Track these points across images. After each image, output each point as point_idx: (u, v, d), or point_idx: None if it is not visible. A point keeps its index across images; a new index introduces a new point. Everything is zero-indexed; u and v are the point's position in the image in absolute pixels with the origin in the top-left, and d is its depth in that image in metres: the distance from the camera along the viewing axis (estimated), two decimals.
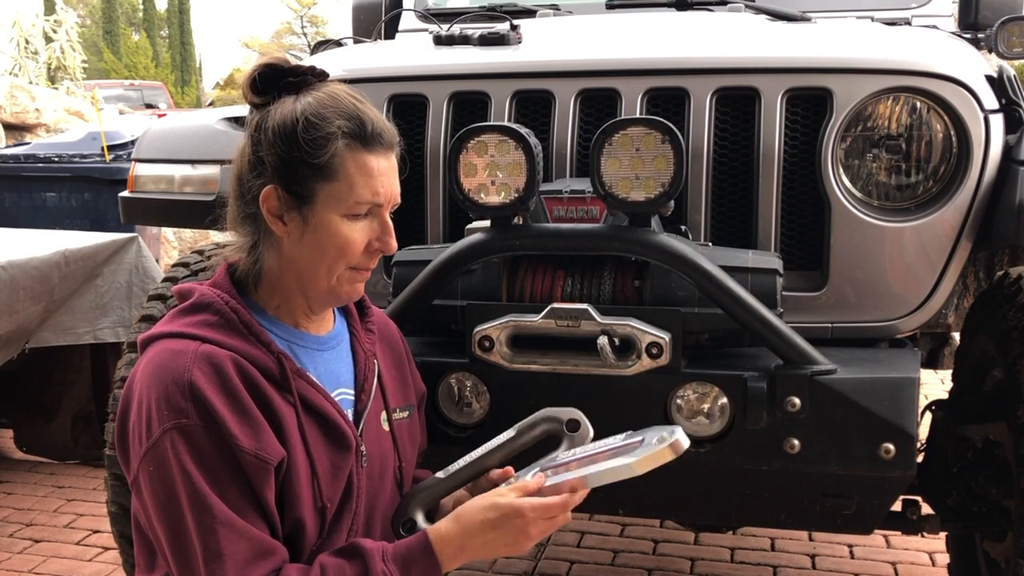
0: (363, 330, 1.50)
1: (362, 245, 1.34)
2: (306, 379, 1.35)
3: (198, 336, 1.28)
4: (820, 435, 1.66)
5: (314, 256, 1.34)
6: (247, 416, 1.24)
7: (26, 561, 3.05)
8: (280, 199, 1.33)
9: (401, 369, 1.57)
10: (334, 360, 1.44)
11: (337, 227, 1.32)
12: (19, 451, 3.95)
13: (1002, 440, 1.97)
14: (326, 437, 1.35)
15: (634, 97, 1.99)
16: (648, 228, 1.69)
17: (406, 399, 1.56)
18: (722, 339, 1.76)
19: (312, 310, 1.41)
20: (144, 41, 43.53)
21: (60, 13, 21.27)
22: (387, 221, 1.36)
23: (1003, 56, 2.25)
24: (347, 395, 1.44)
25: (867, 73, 1.91)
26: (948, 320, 2.37)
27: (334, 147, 1.30)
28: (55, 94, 11.63)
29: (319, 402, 1.35)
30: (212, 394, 1.22)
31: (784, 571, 2.90)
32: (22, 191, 5.82)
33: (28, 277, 3.17)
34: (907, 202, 1.94)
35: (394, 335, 1.60)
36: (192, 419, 1.22)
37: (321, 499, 1.33)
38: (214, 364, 1.25)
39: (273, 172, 1.32)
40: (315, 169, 1.31)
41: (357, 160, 1.32)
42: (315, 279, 1.35)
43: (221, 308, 1.32)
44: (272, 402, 1.29)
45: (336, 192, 1.32)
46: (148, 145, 2.57)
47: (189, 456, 1.21)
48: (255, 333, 1.32)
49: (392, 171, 1.36)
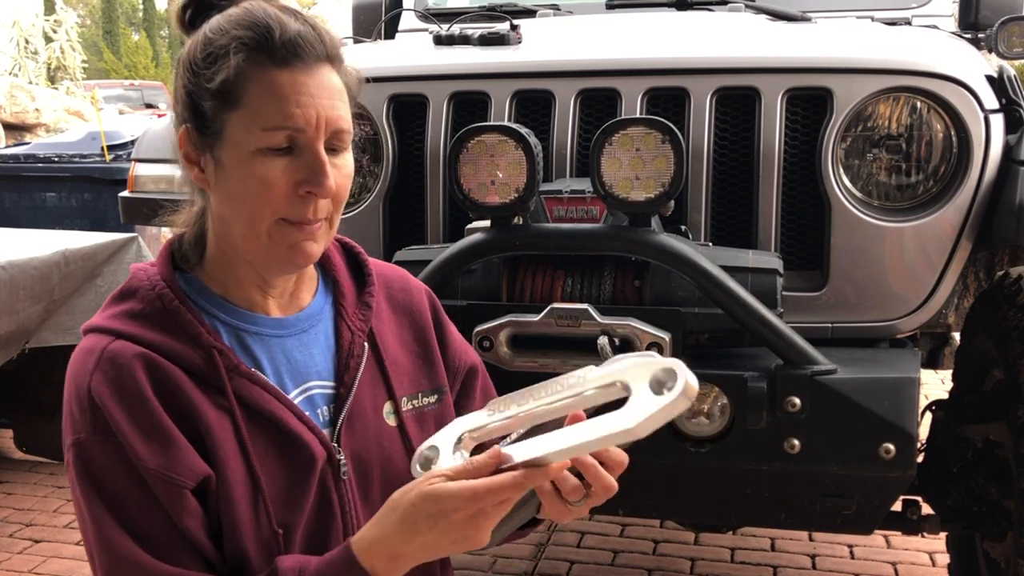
0: (356, 304, 1.21)
1: (287, 188, 1.04)
2: (249, 376, 1.09)
3: (112, 330, 1.08)
4: (820, 435, 1.66)
5: (234, 207, 1.07)
6: (155, 428, 1.02)
7: (26, 561, 3.05)
8: (193, 142, 1.09)
9: (424, 345, 1.26)
10: (302, 347, 1.16)
11: (249, 166, 1.04)
12: (19, 451, 3.95)
13: (1002, 440, 1.97)
14: (279, 448, 1.09)
15: (634, 97, 1.99)
16: (648, 228, 1.69)
17: (430, 382, 1.25)
18: (722, 339, 1.76)
19: (268, 283, 1.14)
20: (144, 41, 43.54)
21: (60, 13, 21.28)
22: (319, 154, 1.04)
23: (1003, 56, 2.26)
24: (323, 389, 1.16)
25: (867, 73, 1.91)
26: (948, 320, 2.37)
27: (231, 64, 1.04)
28: (55, 94, 11.64)
29: (267, 405, 1.09)
30: (111, 403, 1.02)
31: (784, 571, 2.90)
32: (22, 191, 5.82)
33: (28, 277, 3.17)
34: (907, 202, 1.94)
35: (416, 304, 1.28)
36: (88, 434, 1.03)
37: (270, 525, 1.07)
38: (119, 366, 1.04)
39: (183, 109, 1.10)
40: (216, 96, 1.05)
41: (262, 79, 1.04)
42: (246, 238, 1.08)
43: (146, 295, 1.10)
44: (197, 409, 1.05)
45: (242, 121, 1.04)
46: (148, 145, 2.57)
47: (86, 478, 1.03)
48: (181, 324, 1.08)
49: (321, 89, 1.05)
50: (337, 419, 1.14)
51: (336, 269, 1.22)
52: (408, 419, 1.20)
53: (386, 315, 1.25)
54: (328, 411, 1.16)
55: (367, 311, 1.21)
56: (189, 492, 1.03)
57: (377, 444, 1.17)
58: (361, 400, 1.17)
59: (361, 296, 1.22)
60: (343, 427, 1.14)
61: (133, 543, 1.01)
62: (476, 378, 1.32)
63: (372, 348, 1.19)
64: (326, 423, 1.14)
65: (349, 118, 1.09)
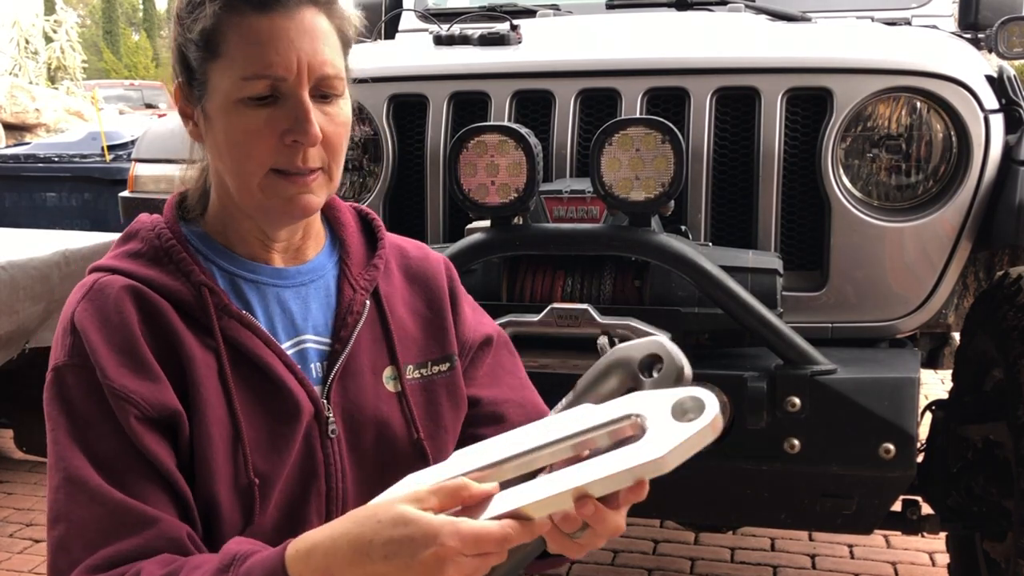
0: (363, 264, 1.17)
1: (272, 138, 1.01)
2: (239, 318, 1.05)
3: (108, 267, 1.07)
4: (820, 435, 1.66)
5: (223, 160, 1.05)
6: (129, 354, 0.99)
7: (26, 561, 3.05)
8: (185, 95, 1.08)
9: (437, 312, 1.20)
10: (299, 299, 1.12)
11: (232, 117, 1.01)
12: (19, 451, 3.95)
13: (1002, 440, 1.97)
14: (263, 395, 1.05)
15: (634, 97, 1.99)
16: (648, 228, 1.69)
17: (440, 349, 1.19)
18: (722, 339, 1.77)
19: (270, 236, 1.11)
20: (144, 41, 43.55)
21: (60, 13, 21.29)
22: (302, 101, 1.01)
23: (1003, 56, 2.26)
24: (317, 345, 1.12)
25: (867, 73, 1.91)
26: (948, 320, 2.37)
27: (208, 12, 1.01)
28: (55, 94, 11.64)
29: (255, 349, 1.05)
30: (91, 328, 1.00)
31: (784, 571, 2.90)
32: (22, 191, 5.82)
33: (28, 277, 3.17)
34: (907, 202, 1.94)
35: (432, 273, 1.23)
36: (68, 357, 1.00)
37: (247, 473, 1.02)
38: (106, 296, 1.02)
39: (175, 63, 1.08)
40: (199, 47, 1.03)
41: (240, 25, 1.00)
42: (239, 192, 1.05)
43: (145, 235, 1.09)
44: (183, 344, 1.02)
45: (224, 71, 1.01)
46: (148, 145, 2.57)
47: (56, 401, 1.00)
48: (175, 260, 1.06)
49: (303, 33, 1.01)
50: (328, 378, 1.10)
51: (345, 228, 1.18)
52: (412, 387, 1.15)
53: (398, 281, 1.20)
54: (321, 368, 1.11)
55: (374, 271, 1.16)
56: (151, 421, 0.99)
57: (374, 407, 1.12)
58: (359, 360, 1.12)
59: (370, 257, 1.18)
60: (334, 384, 1.10)
61: (89, 466, 0.96)
62: (487, 350, 1.24)
63: (377, 310, 1.15)
64: (318, 380, 1.10)
65: (339, 62, 1.05)
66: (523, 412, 1.20)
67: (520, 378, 1.26)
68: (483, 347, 1.24)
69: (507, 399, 1.22)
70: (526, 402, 1.23)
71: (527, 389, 1.25)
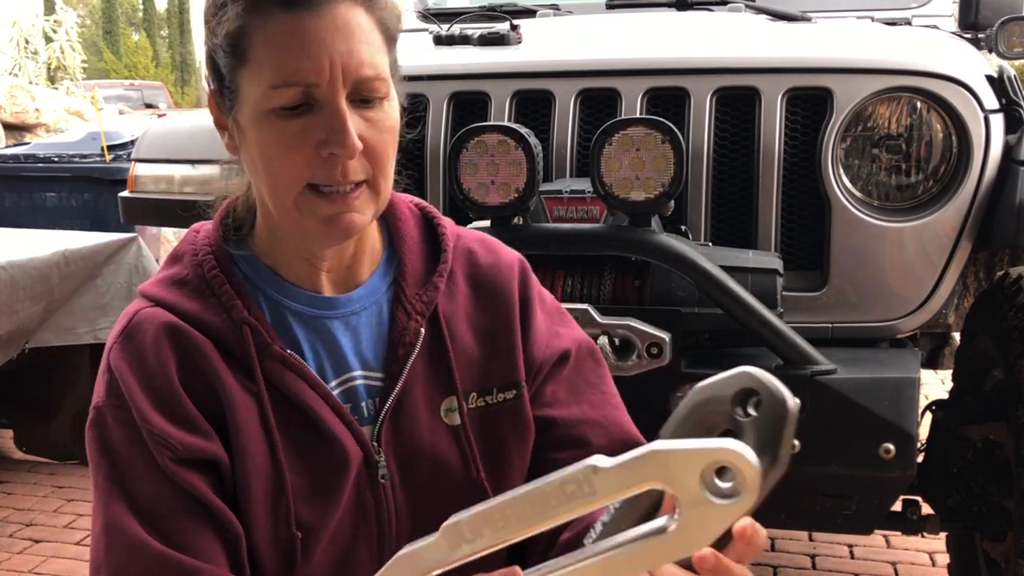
0: (419, 283, 1.03)
1: (307, 150, 0.90)
2: (282, 359, 0.96)
3: (151, 295, 0.99)
4: (820, 435, 1.66)
5: (257, 176, 0.95)
6: (171, 404, 0.93)
7: (26, 561, 3.05)
8: (218, 105, 0.97)
9: (504, 329, 1.06)
10: (349, 330, 1.01)
11: (263, 129, 0.91)
12: (19, 451, 3.95)
13: (1002, 440, 1.97)
14: (309, 443, 0.97)
15: (634, 97, 1.99)
16: (648, 228, 1.69)
17: (506, 374, 1.05)
18: (722, 339, 1.77)
19: (315, 255, 1.00)
20: (144, 41, 43.56)
21: (60, 13, 21.29)
22: (338, 109, 0.89)
23: (1003, 56, 2.25)
24: (368, 380, 1.01)
25: (867, 73, 1.91)
26: (948, 320, 2.37)
27: (231, 14, 0.90)
28: (55, 94, 11.64)
29: (299, 393, 0.96)
30: (128, 372, 0.94)
31: (784, 571, 2.90)
32: (22, 191, 5.82)
33: (28, 277, 3.17)
34: (907, 202, 1.94)
35: (502, 281, 1.08)
36: (106, 397, 0.95)
37: (288, 527, 0.94)
38: (143, 333, 0.95)
39: (208, 70, 0.98)
40: (226, 52, 0.92)
41: (266, 27, 0.89)
42: (276, 210, 0.95)
43: (189, 260, 1.00)
44: (223, 385, 0.94)
45: (252, 78, 0.90)
46: (148, 145, 2.57)
47: (98, 442, 0.95)
48: (218, 293, 0.97)
49: (336, 32, 0.89)
50: (378, 416, 1.00)
51: (404, 241, 1.05)
52: (473, 418, 1.03)
53: (462, 295, 1.06)
54: (373, 405, 1.01)
55: (432, 292, 1.03)
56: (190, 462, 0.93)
57: (430, 445, 1.01)
58: (412, 394, 1.01)
59: (430, 274, 1.04)
60: (385, 422, 1.00)
61: (129, 513, 0.91)
62: (563, 366, 1.09)
63: (435, 335, 1.03)
64: (369, 419, 1.01)
65: (380, 61, 0.92)
66: (605, 434, 1.07)
67: (604, 392, 1.11)
68: (559, 364, 1.09)
69: (587, 419, 1.08)
70: (609, 422, 1.08)
71: (611, 406, 1.10)
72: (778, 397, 0.67)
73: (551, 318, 1.11)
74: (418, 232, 1.08)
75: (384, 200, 0.97)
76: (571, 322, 1.12)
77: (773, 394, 0.68)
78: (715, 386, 0.70)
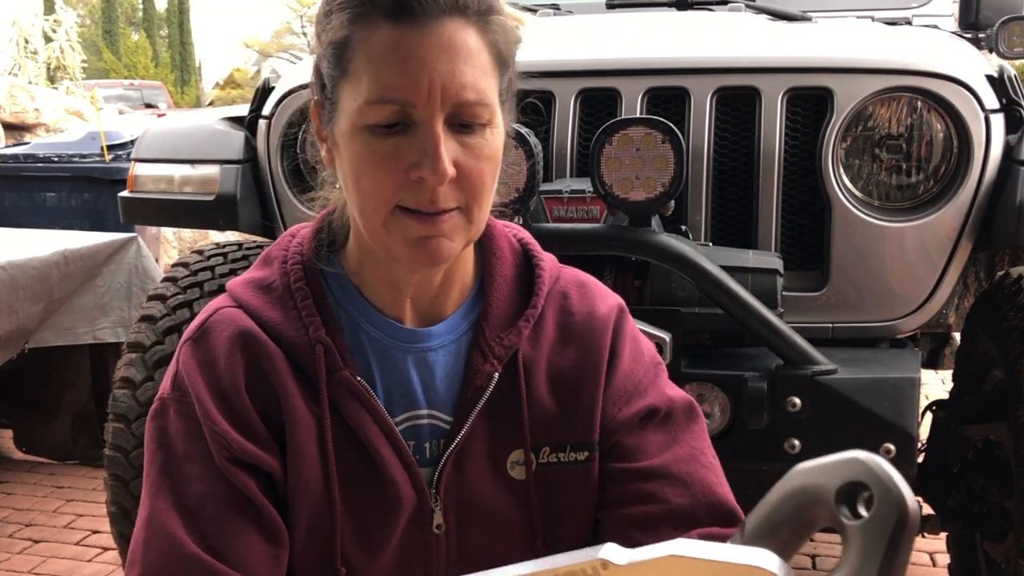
0: (502, 324, 0.98)
1: (398, 172, 0.85)
2: (350, 386, 0.93)
3: (236, 296, 0.97)
4: (821, 435, 1.66)
5: (349, 192, 0.91)
6: (237, 413, 0.92)
7: (25, 561, 3.05)
8: (319, 115, 0.94)
9: (587, 384, 0.98)
10: (424, 366, 0.97)
11: (357, 145, 0.87)
12: (19, 451, 3.95)
13: (1002, 440, 1.96)
14: (365, 476, 0.93)
15: (634, 97, 1.99)
16: (648, 228, 1.69)
17: (581, 434, 0.98)
18: (722, 339, 1.76)
19: (401, 280, 0.95)
20: (144, 41, 43.56)
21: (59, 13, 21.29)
22: (432, 132, 0.84)
23: (1003, 56, 2.25)
24: (435, 420, 0.97)
25: (868, 73, 1.91)
26: (949, 320, 2.37)
27: (336, 23, 0.87)
28: (55, 94, 11.63)
29: (362, 424, 0.93)
30: (196, 374, 0.92)
31: None
32: (22, 191, 5.82)
33: (27, 277, 3.17)
34: (908, 202, 1.94)
35: (595, 332, 1.00)
36: (170, 391, 0.94)
37: (333, 560, 0.92)
38: (217, 339, 0.94)
39: (313, 79, 0.95)
40: (331, 63, 0.89)
41: (368, 40, 0.85)
42: (366, 228, 0.91)
43: (279, 267, 0.98)
44: (288, 401, 0.92)
45: (351, 92, 0.87)
46: (148, 145, 2.57)
47: (157, 432, 0.94)
48: (299, 307, 0.95)
49: (440, 51, 0.84)
50: (438, 463, 0.95)
51: (495, 280, 1.00)
52: (539, 474, 0.97)
53: (548, 341, 0.99)
54: (437, 447, 0.96)
55: (514, 336, 0.97)
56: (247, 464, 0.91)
57: (490, 497, 0.96)
58: (478, 441, 0.96)
59: (517, 316, 0.98)
60: (446, 468, 0.95)
61: (172, 509, 0.89)
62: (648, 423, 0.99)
63: (511, 381, 0.97)
64: (430, 460, 0.96)
65: (485, 85, 0.87)
66: (688, 494, 0.95)
67: (693, 448, 0.99)
68: (644, 419, 0.99)
69: (667, 473, 0.96)
70: (694, 481, 0.96)
71: (699, 464, 0.98)
72: (896, 497, 0.54)
73: (642, 373, 1.01)
74: (513, 271, 1.02)
75: (478, 230, 0.92)
76: (665, 379, 1.03)
77: (890, 492, 0.54)
78: (818, 472, 0.59)
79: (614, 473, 0.97)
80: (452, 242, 0.89)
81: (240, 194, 2.23)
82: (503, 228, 1.04)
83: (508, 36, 0.91)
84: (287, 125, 2.17)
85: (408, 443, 0.95)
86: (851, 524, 0.53)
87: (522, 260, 1.03)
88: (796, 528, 0.57)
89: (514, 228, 1.07)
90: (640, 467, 0.96)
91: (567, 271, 1.05)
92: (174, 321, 2.27)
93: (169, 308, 2.30)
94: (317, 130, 0.96)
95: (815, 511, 0.56)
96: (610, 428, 0.98)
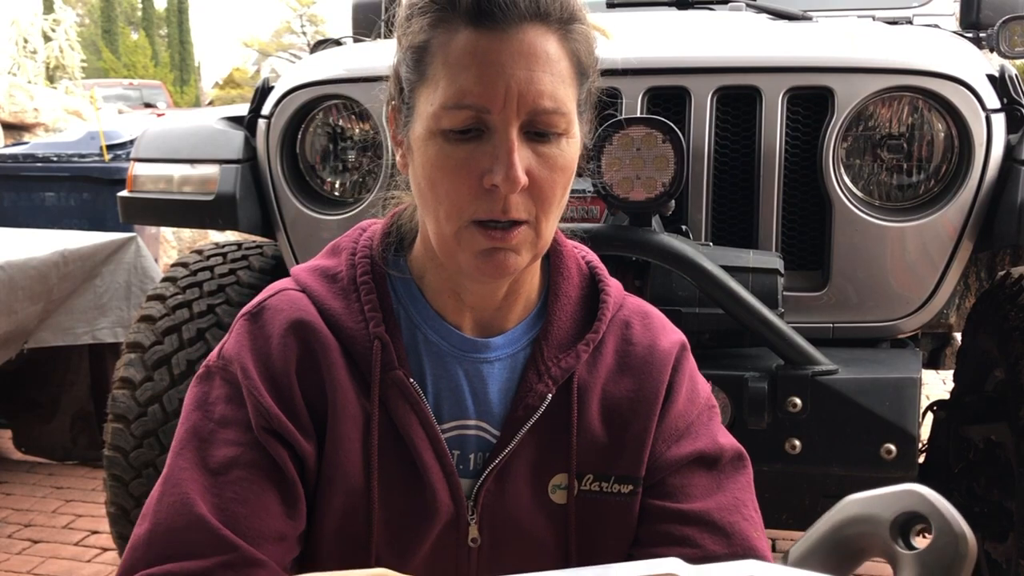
0: (562, 345, 0.97)
1: (471, 179, 0.84)
2: (402, 386, 0.92)
3: (303, 285, 0.96)
4: (821, 436, 1.66)
5: (420, 198, 0.90)
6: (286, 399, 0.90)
7: (25, 562, 3.04)
8: (395, 120, 0.93)
9: (640, 418, 0.96)
10: (478, 377, 0.95)
11: (430, 150, 0.85)
12: (18, 451, 3.95)
13: (1003, 440, 1.96)
14: (404, 479, 0.92)
15: (634, 96, 1.99)
16: (648, 228, 1.68)
17: (627, 465, 0.96)
18: (723, 339, 1.76)
19: (464, 290, 0.95)
20: (143, 40, 43.53)
21: (59, 12, 21.27)
22: (507, 139, 0.83)
23: (1004, 55, 2.25)
24: (482, 432, 0.95)
25: (868, 72, 1.90)
26: (950, 320, 2.36)
27: (416, 27, 0.86)
28: (54, 93, 11.63)
29: (408, 425, 0.92)
30: (249, 348, 0.91)
31: None
32: (21, 191, 5.81)
33: (26, 277, 3.16)
34: (909, 202, 1.94)
35: (653, 368, 0.98)
36: (217, 360, 0.93)
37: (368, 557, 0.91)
38: (273, 325, 0.93)
39: (392, 82, 0.94)
40: (410, 67, 0.88)
41: (447, 45, 0.84)
42: (435, 235, 0.89)
43: (347, 258, 0.98)
44: (336, 394, 0.91)
45: (427, 97, 0.86)
46: (147, 145, 2.56)
47: (198, 393, 0.93)
48: (362, 300, 0.94)
49: (518, 57, 0.83)
50: (480, 477, 0.94)
51: (559, 299, 0.99)
52: (580, 501, 0.95)
53: (606, 369, 0.98)
54: (480, 460, 0.95)
55: (572, 359, 0.96)
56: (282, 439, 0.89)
57: (529, 519, 0.95)
58: (523, 459, 0.94)
59: (577, 339, 0.97)
60: (487, 483, 0.93)
61: (195, 468, 0.88)
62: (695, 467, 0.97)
63: (564, 403, 0.95)
64: (472, 473, 0.95)
65: (563, 94, 0.86)
66: (725, 544, 0.93)
67: (737, 498, 0.97)
68: (691, 463, 0.98)
69: (708, 520, 0.94)
70: (734, 532, 0.94)
71: (741, 516, 0.95)
72: (955, 530, 0.54)
73: (696, 414, 1.00)
74: (578, 292, 1.01)
75: (544, 244, 0.90)
76: (717, 422, 1.02)
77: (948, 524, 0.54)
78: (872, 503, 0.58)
79: (654, 510, 0.96)
80: (519, 256, 0.88)
81: (239, 194, 2.23)
82: (572, 249, 1.03)
83: (590, 46, 0.92)
84: (286, 125, 2.16)
85: (453, 452, 0.94)
86: (906, 554, 0.54)
87: (588, 283, 1.02)
88: (846, 557, 0.56)
89: (583, 250, 1.06)
90: (681, 509, 0.94)
91: (632, 300, 1.04)
92: (173, 321, 2.26)
93: (168, 308, 2.30)
94: (393, 135, 0.94)
95: (867, 541, 0.56)
96: (657, 465, 0.96)
